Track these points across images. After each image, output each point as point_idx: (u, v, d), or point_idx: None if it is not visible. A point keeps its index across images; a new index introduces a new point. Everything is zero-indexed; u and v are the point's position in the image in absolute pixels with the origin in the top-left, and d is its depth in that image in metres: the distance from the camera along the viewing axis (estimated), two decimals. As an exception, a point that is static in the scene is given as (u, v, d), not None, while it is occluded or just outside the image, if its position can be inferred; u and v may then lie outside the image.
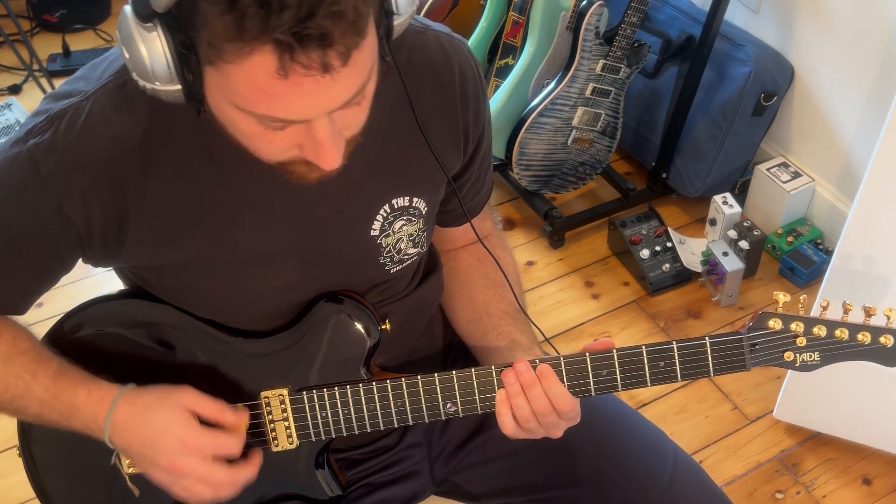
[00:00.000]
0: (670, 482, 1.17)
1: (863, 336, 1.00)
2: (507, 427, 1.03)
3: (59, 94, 0.96)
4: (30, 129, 0.94)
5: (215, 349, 1.08)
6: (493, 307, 1.18)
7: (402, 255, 1.09)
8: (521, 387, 1.01)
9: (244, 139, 0.85)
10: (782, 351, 1.01)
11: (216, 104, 0.82)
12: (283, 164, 0.87)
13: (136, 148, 0.93)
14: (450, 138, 1.07)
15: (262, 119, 0.80)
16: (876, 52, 2.11)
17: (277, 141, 0.84)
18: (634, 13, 2.19)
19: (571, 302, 2.31)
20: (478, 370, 1.03)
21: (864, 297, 1.68)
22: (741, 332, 1.01)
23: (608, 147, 2.42)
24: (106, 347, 1.09)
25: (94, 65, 0.98)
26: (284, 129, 0.82)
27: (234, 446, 1.02)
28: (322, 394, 1.06)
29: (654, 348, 1.01)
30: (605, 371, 1.01)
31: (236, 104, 0.79)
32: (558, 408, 1.01)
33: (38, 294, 1.05)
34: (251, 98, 0.77)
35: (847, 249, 1.64)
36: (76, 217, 0.95)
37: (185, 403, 1.00)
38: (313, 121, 0.81)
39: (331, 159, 0.84)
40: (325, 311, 1.06)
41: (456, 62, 1.05)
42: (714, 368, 1.01)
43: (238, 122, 0.82)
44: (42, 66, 2.84)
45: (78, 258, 1.02)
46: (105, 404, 1.00)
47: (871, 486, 1.92)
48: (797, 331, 1.00)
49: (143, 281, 1.06)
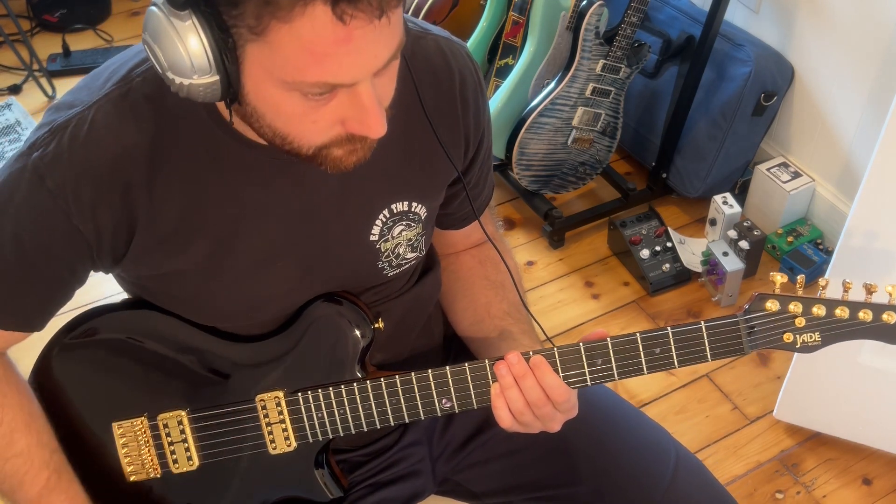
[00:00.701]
0: (672, 479, 1.17)
1: (864, 314, 0.97)
2: (504, 420, 1.02)
3: (61, 105, 0.96)
4: (33, 143, 0.94)
5: (211, 354, 1.08)
6: (494, 308, 1.18)
7: (401, 259, 1.10)
8: (514, 378, 1.00)
9: (286, 124, 0.85)
10: (781, 332, 0.98)
11: (257, 88, 0.82)
12: (322, 148, 0.87)
13: (143, 156, 0.93)
14: (451, 142, 1.07)
15: (310, 89, 0.80)
16: (876, 52, 2.11)
17: (321, 118, 0.84)
18: (634, 13, 2.19)
19: (571, 302, 2.31)
20: (471, 364, 1.02)
21: (857, 288, 1.68)
22: (737, 315, 0.98)
23: (608, 147, 2.42)
24: (105, 354, 1.09)
25: (96, 74, 0.98)
26: (329, 103, 0.83)
27: None
28: (317, 394, 1.06)
29: (649, 335, 0.99)
30: (601, 360, 1.00)
31: (284, 78, 0.79)
32: (553, 398, 1.00)
33: (54, 309, 1.04)
34: (301, 64, 0.78)
35: (847, 249, 1.64)
36: (85, 228, 0.94)
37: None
38: (358, 86, 0.82)
39: (377, 125, 0.84)
40: (317, 312, 1.06)
41: (456, 67, 1.05)
42: (711, 353, 0.99)
43: (281, 103, 0.82)
44: (42, 66, 2.84)
45: (89, 270, 1.02)
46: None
47: (871, 486, 1.92)
48: (795, 311, 0.97)
49: (142, 289, 1.06)
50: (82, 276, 1.02)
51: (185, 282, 1.01)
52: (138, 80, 0.93)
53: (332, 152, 0.88)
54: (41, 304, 1.02)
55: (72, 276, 1.01)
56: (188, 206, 0.96)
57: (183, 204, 0.96)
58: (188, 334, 1.07)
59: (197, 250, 0.99)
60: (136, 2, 3.31)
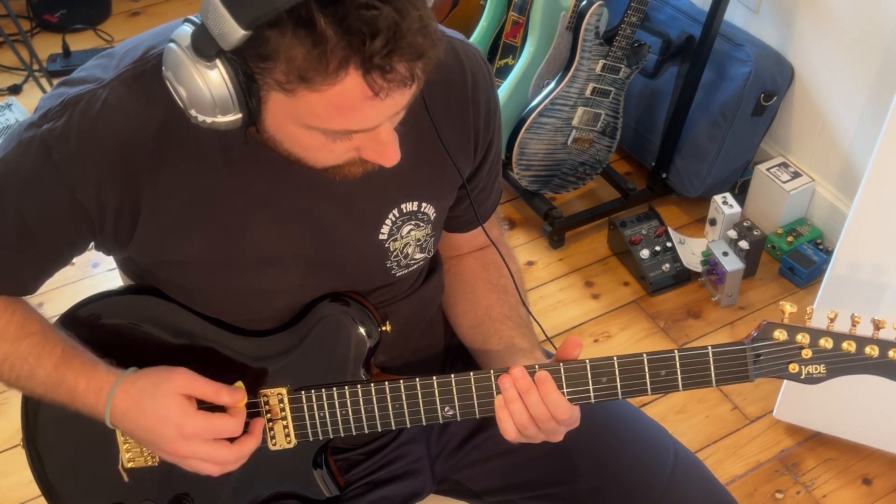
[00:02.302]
0: (671, 477, 1.17)
1: (871, 349, 0.97)
2: (509, 433, 1.02)
3: (74, 80, 0.96)
4: (44, 114, 0.94)
5: (217, 347, 1.08)
6: (495, 311, 1.18)
7: (409, 259, 1.10)
8: (518, 392, 1.01)
9: (300, 150, 0.87)
10: (787, 363, 0.98)
11: (277, 125, 0.84)
12: (334, 167, 0.90)
13: (153, 139, 0.93)
14: (460, 144, 1.07)
15: (333, 135, 0.83)
16: (876, 52, 2.11)
17: (337, 149, 0.87)
18: (634, 13, 2.19)
19: (571, 302, 2.31)
20: (476, 374, 1.03)
21: (864, 297, 1.69)
22: (745, 343, 0.98)
23: (608, 147, 2.42)
24: (109, 340, 1.09)
25: (111, 53, 0.98)
26: (348, 139, 0.85)
27: (232, 427, 1.02)
28: (321, 394, 1.06)
29: (656, 356, 0.99)
30: (605, 378, 1.00)
31: (306, 123, 0.82)
32: (556, 415, 1.01)
33: (49, 275, 1.06)
34: (327, 117, 0.80)
35: (847, 249, 1.64)
36: (88, 204, 0.95)
37: (179, 388, 1.00)
38: (378, 126, 0.84)
39: (393, 156, 0.88)
40: (326, 312, 1.07)
41: (469, 69, 1.06)
42: (717, 379, 0.99)
43: (301, 138, 0.85)
44: (42, 67, 2.84)
45: (90, 242, 1.02)
46: (103, 394, 1.01)
47: (871, 486, 1.92)
48: (803, 342, 0.98)
49: (150, 276, 1.07)
50: (81, 248, 1.03)
51: (191, 272, 1.02)
52: (153, 63, 0.94)
53: (343, 168, 0.91)
54: (37, 271, 1.04)
55: (69, 247, 1.02)
56: (195, 196, 0.96)
57: (189, 193, 0.96)
58: (193, 324, 1.07)
59: (203, 240, 0.99)
60: (136, 2, 3.31)
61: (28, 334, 1.04)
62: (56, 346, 1.03)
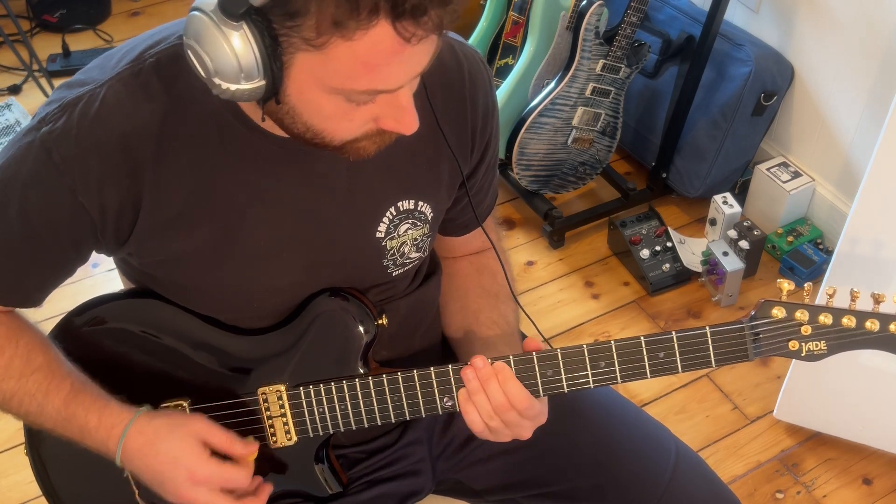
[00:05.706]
0: (673, 475, 1.17)
1: (871, 323, 0.96)
2: (475, 424, 1.02)
3: (73, 83, 0.96)
4: (42, 118, 0.94)
5: (214, 346, 1.08)
6: (483, 316, 1.18)
7: (405, 258, 1.10)
8: (480, 383, 1.00)
9: (320, 122, 0.87)
10: (787, 340, 0.97)
11: (300, 91, 0.83)
12: (352, 141, 0.89)
13: (153, 135, 0.93)
14: (457, 144, 1.07)
15: (358, 97, 0.83)
16: (876, 52, 2.11)
17: (357, 117, 0.86)
18: (634, 13, 2.19)
19: (571, 302, 2.31)
20: None
21: (865, 297, 1.68)
22: (743, 321, 0.98)
23: (608, 147, 2.42)
24: (109, 343, 1.09)
25: (109, 55, 0.98)
26: (368, 104, 0.85)
27: (242, 479, 1.02)
28: (319, 389, 1.06)
29: (653, 338, 0.99)
30: (604, 363, 1.00)
31: (332, 85, 0.81)
32: (514, 404, 1.00)
33: (54, 285, 1.05)
34: (354, 74, 0.80)
35: (847, 249, 1.64)
36: (90, 205, 0.94)
37: (196, 433, 1.01)
38: (399, 89, 0.84)
39: (413, 123, 0.88)
40: (322, 307, 1.06)
41: (467, 69, 1.06)
42: (716, 359, 0.98)
43: (323, 105, 0.84)
44: (42, 67, 2.84)
45: (93, 248, 1.02)
46: (116, 432, 1.01)
47: (871, 486, 1.92)
48: (802, 319, 0.97)
49: (147, 277, 1.06)
50: (85, 254, 1.02)
51: (188, 268, 1.01)
52: (151, 61, 0.94)
53: (359, 143, 0.90)
54: (43, 280, 1.03)
55: (76, 254, 1.01)
56: (195, 191, 0.96)
57: (190, 187, 0.96)
58: (191, 325, 1.07)
59: (201, 235, 0.99)
60: (136, 2, 3.31)
61: (34, 370, 1.03)
62: (64, 381, 1.03)
